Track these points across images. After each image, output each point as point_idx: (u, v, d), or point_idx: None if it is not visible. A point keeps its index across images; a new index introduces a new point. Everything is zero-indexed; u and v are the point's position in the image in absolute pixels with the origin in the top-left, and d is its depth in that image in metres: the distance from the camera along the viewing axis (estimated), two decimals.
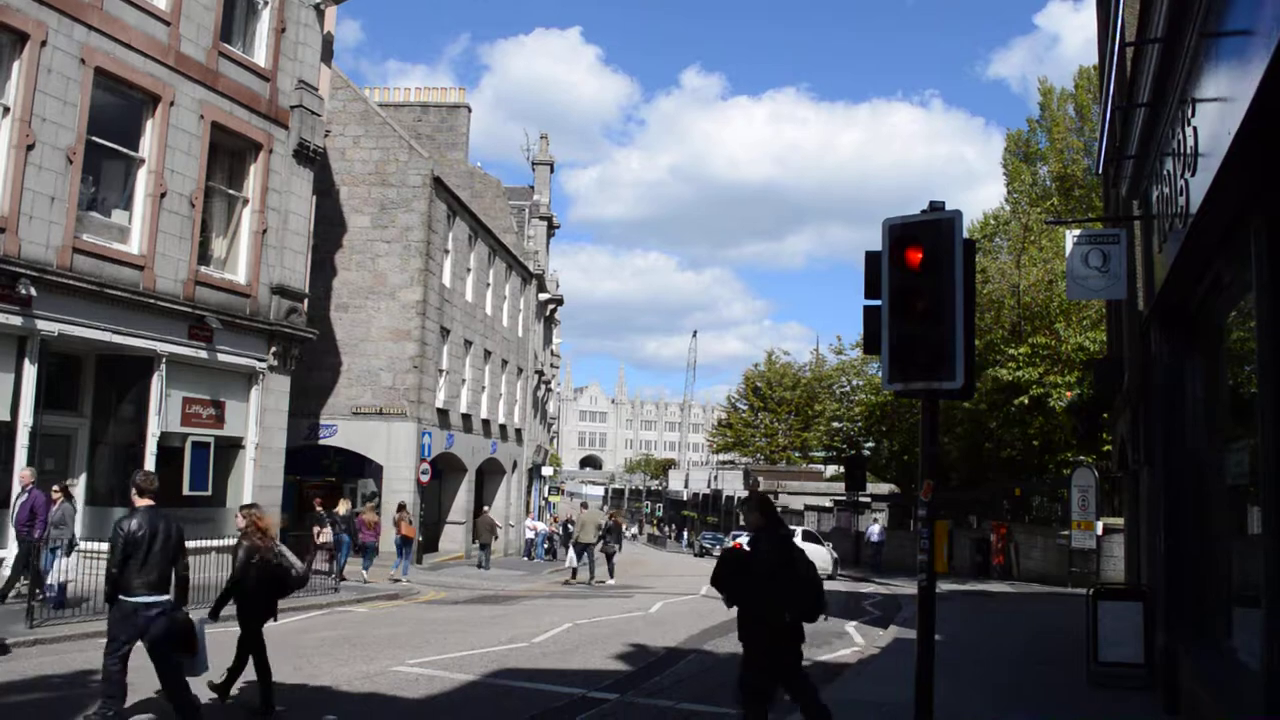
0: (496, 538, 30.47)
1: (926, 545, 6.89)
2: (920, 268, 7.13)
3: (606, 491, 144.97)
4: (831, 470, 67.29)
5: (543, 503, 47.06)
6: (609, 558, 24.53)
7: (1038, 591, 22.49)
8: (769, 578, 7.27)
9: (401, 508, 23.18)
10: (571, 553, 24.77)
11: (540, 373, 44.26)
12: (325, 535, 20.07)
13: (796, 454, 72.88)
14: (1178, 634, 8.60)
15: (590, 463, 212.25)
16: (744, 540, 8.74)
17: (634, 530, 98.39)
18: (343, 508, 21.47)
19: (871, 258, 7.52)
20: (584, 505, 41.25)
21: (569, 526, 35.31)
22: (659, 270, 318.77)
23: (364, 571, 20.41)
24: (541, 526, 32.25)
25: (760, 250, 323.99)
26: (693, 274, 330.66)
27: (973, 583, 25.00)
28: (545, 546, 31.36)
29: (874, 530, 33.86)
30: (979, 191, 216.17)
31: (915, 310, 7.09)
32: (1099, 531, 21.99)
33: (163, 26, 16.68)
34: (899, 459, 38.61)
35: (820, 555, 28.36)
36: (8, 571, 13.66)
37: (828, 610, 8.46)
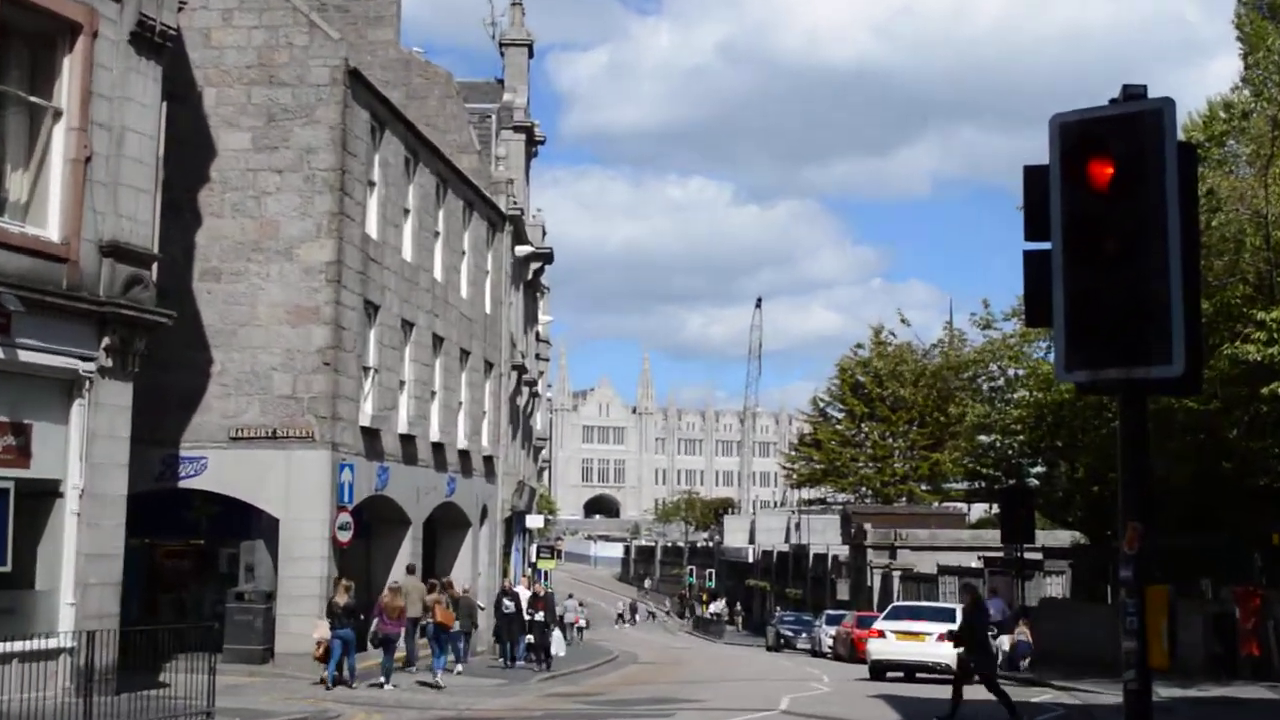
0: (477, 625, 30.77)
1: (1134, 625, 6.83)
2: (1111, 189, 7.13)
3: (628, 551, 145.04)
4: (979, 511, 67.15)
5: (528, 571, 47.22)
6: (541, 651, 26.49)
7: None
8: None
9: (437, 587, 26.79)
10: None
11: (521, 369, 44.42)
12: (321, 632, 22.98)
13: (923, 487, 72.60)
14: None
15: (601, 507, 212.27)
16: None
17: (654, 609, 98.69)
18: (343, 596, 23.41)
19: (1034, 176, 7.47)
20: (530, 577, 41.59)
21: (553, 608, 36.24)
22: (703, 205, 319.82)
23: (386, 684, 23.74)
24: (523, 595, 32.67)
25: (859, 171, 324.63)
26: (755, 210, 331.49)
27: (1210, 686, 24.80)
28: (526, 644, 31.71)
29: (998, 605, 34.19)
30: (1201, 69, 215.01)
31: (1104, 255, 7.09)
32: None
33: None
34: (1085, 491, 38.36)
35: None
36: None
37: None
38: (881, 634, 31.62)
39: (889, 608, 35.81)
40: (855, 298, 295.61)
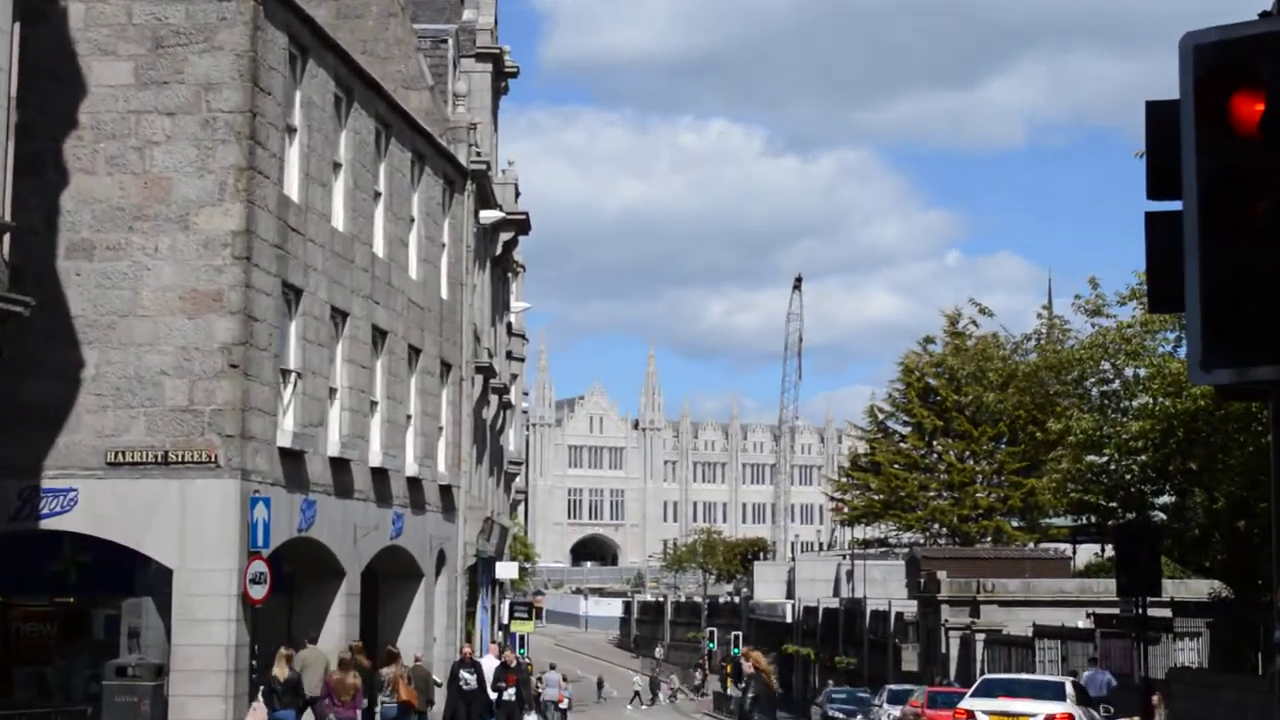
0: (433, 703, 31.14)
1: None
2: (1262, 131, 7.13)
3: (628, 609, 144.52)
4: (1087, 554, 66.88)
5: (498, 636, 47.20)
6: None
7: None
8: None
9: (397, 658, 26.21)
10: None
11: (488, 371, 44.41)
12: (257, 717, 22.94)
13: (1014, 522, 72.26)
14: None
15: (593, 551, 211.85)
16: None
17: (681, 687, 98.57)
18: (284, 669, 23.83)
19: (1160, 116, 7.45)
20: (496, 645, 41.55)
21: (537, 684, 36.06)
22: (728, 157, 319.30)
23: None
24: (488, 666, 32.65)
25: (932, 112, 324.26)
26: (795, 161, 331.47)
27: None
28: None
29: (1102, 679, 34.37)
30: None
31: (1253, 219, 7.10)
32: None
33: None
34: (1226, 527, 38.33)
35: None
36: None
37: None
38: (970, 716, 31.57)
39: (979, 682, 35.79)
40: (925, 276, 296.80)
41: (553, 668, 63.58)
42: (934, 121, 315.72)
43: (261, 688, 25.37)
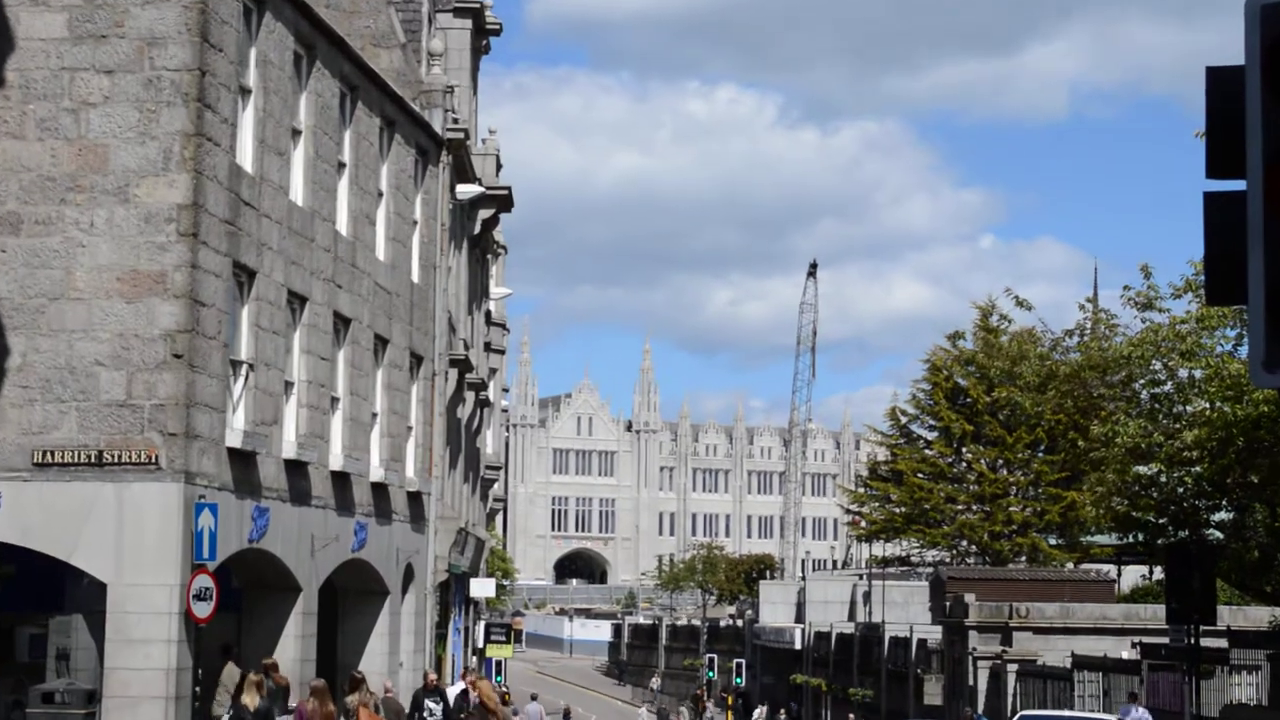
0: None
1: None
2: None
3: (618, 633, 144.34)
4: (1133, 576, 66.73)
5: (472, 661, 47.19)
6: None
7: None
8: None
9: (362, 686, 26.71)
10: None
11: (464, 365, 44.35)
12: None
13: (1052, 540, 72.22)
14: None
15: (580, 568, 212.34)
16: None
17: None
18: (254, 698, 24.05)
19: (1221, 85, 7.42)
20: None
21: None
22: (737, 127, 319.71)
23: None
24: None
25: (968, 80, 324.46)
26: (814, 133, 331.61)
27: None
28: None
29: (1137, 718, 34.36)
30: None
31: None
32: None
33: None
34: None
35: None
36: None
37: None
38: None
39: (1016, 717, 35.82)
40: (957, 263, 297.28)
41: (534, 699, 63.58)
42: (969, 90, 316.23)
43: (227, 716, 25.39)
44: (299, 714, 25.66)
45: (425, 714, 31.75)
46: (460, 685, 34.41)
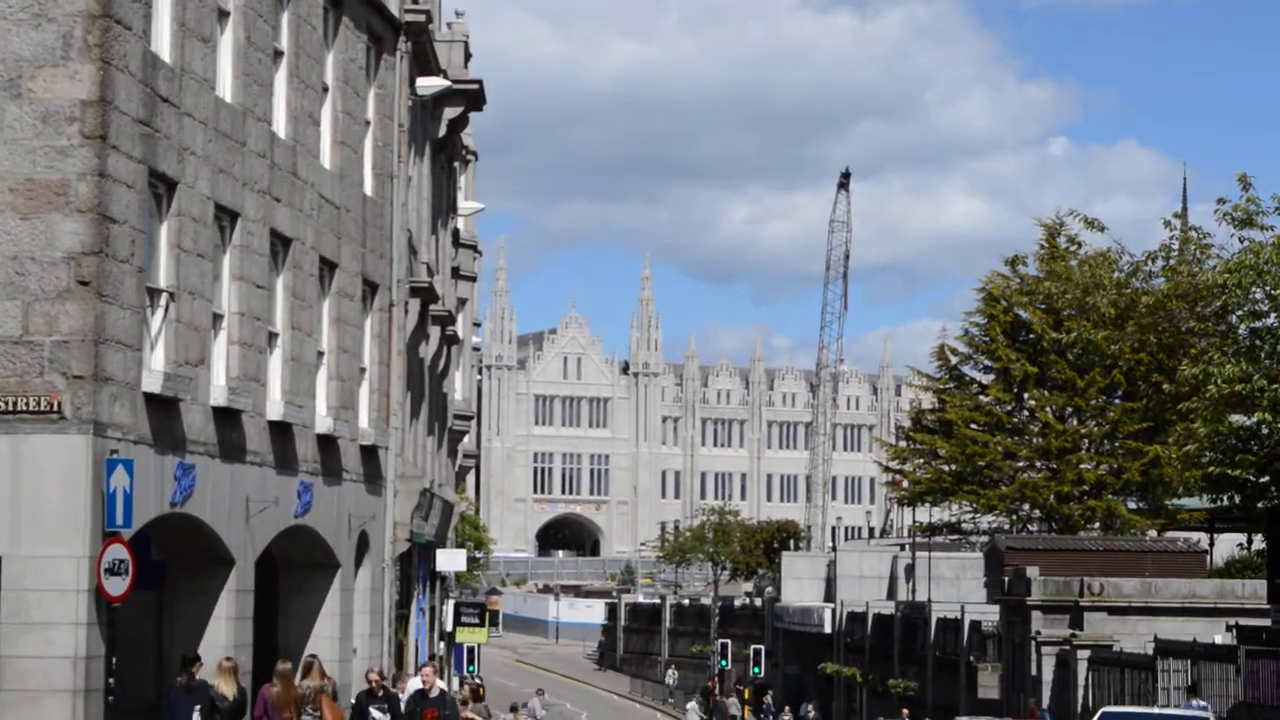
0: None
1: None
2: None
3: (613, 614, 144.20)
4: (1228, 546, 66.70)
5: (438, 647, 47.28)
6: None
7: None
8: None
9: (314, 668, 26.81)
10: None
11: (427, 293, 44.28)
12: None
13: (1130, 504, 72.03)
14: None
15: (565, 537, 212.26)
16: None
17: None
18: (231, 685, 24.95)
19: None
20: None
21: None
22: (755, 9, 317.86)
23: None
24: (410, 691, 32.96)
25: None
26: (849, 17, 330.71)
27: None
28: None
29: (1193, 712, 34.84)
30: None
31: None
32: None
33: None
34: None
35: None
36: None
37: None
38: None
39: (1098, 715, 35.90)
40: (1021, 173, 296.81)
41: (540, 693, 63.86)
42: None
43: (199, 708, 25.50)
44: (261, 700, 25.81)
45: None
46: (417, 681, 34.12)
